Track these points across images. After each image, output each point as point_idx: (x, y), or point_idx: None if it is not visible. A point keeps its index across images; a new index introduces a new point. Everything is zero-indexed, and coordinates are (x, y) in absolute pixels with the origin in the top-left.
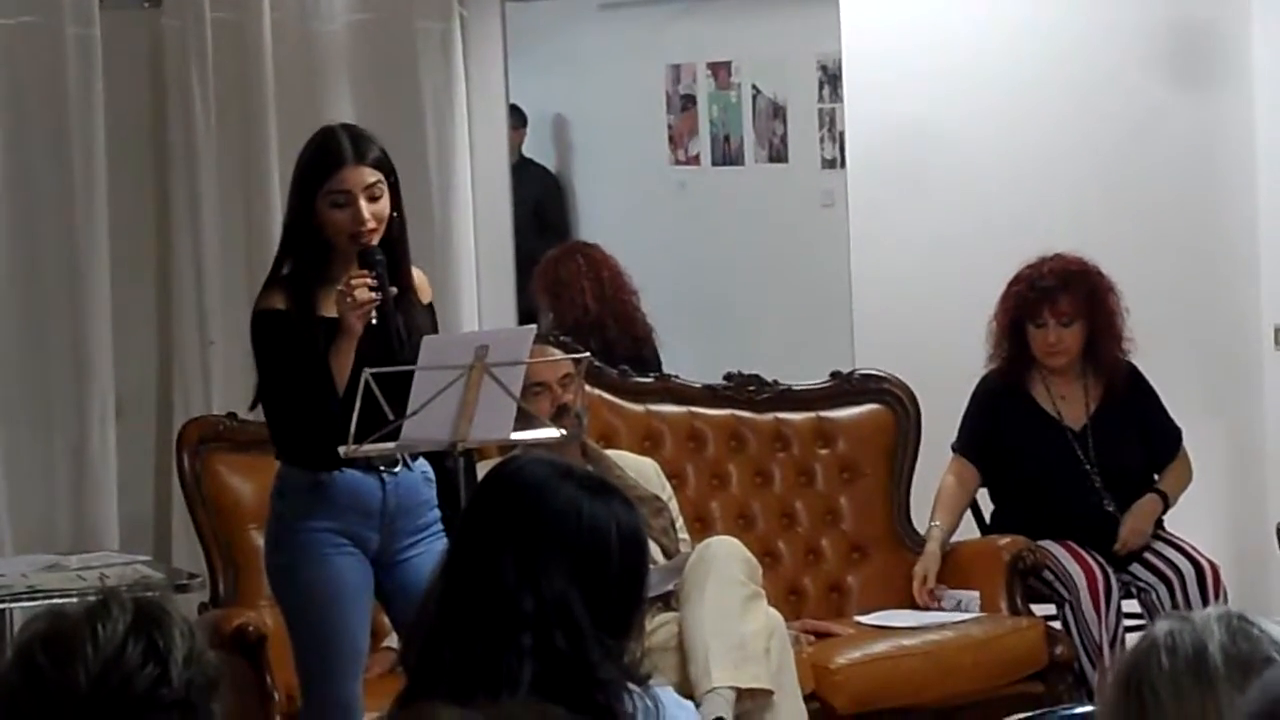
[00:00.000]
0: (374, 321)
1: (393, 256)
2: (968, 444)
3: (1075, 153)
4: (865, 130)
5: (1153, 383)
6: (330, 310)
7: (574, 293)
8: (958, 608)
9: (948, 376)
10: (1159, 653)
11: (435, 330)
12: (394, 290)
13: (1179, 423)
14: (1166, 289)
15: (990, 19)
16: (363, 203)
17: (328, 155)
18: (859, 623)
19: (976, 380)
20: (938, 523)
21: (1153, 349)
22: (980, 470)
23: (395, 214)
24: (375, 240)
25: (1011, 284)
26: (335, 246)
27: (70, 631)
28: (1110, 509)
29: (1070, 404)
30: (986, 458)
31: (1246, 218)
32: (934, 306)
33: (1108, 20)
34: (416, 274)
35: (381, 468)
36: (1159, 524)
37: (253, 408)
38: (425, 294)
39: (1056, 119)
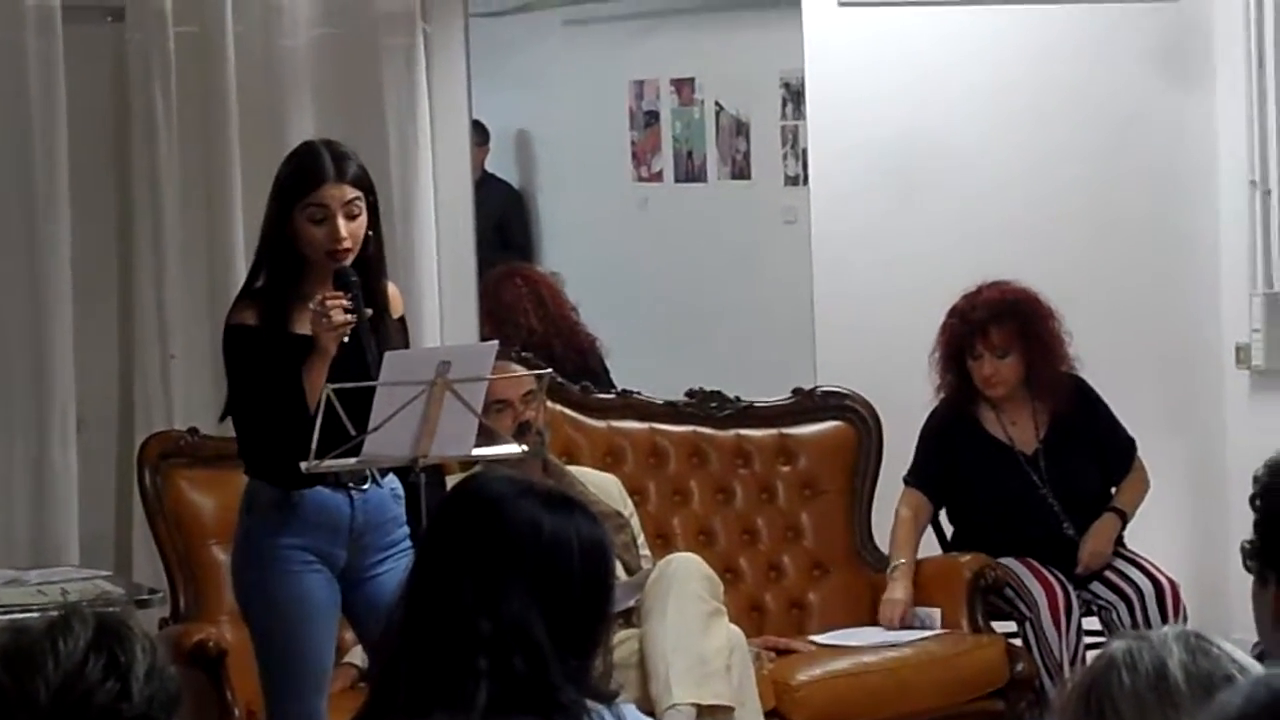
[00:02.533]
0: (346, 340)
1: (368, 275)
2: (920, 476)
3: (1037, 170)
4: (828, 147)
5: (1114, 400)
6: (302, 327)
7: (518, 315)
8: (919, 625)
9: (910, 393)
10: (1119, 670)
11: (408, 345)
12: (369, 312)
13: (1139, 439)
14: (1128, 307)
15: (954, 37)
16: (340, 219)
17: (308, 170)
18: (817, 643)
19: (937, 399)
20: (902, 560)
21: (1114, 366)
22: (933, 500)
23: (371, 233)
24: (350, 259)
25: (948, 316)
26: (310, 261)
27: (31, 646)
28: (1069, 532)
29: (1020, 429)
30: (941, 489)
31: (1208, 235)
32: (896, 324)
33: (1070, 39)
34: (390, 288)
35: (350, 485)
36: (1119, 541)
37: (221, 420)
38: (397, 308)
39: (1018, 138)
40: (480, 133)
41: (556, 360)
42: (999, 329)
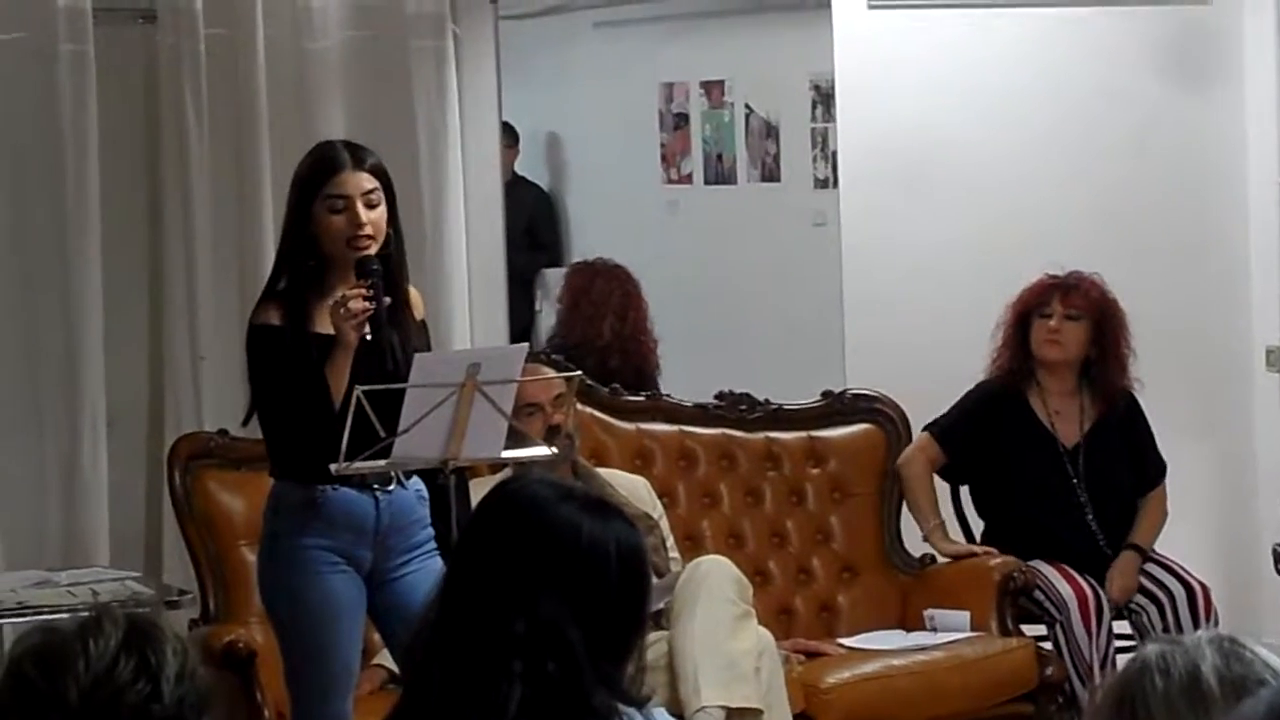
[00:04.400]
0: (368, 337)
1: (389, 269)
2: (947, 433)
3: (1068, 172)
4: (858, 150)
5: (1145, 403)
6: (325, 326)
7: (597, 312)
8: (947, 628)
9: (939, 396)
10: (1152, 674)
11: (428, 348)
12: (388, 301)
13: (1171, 441)
14: (1158, 310)
15: (983, 38)
16: (360, 208)
17: (325, 161)
18: (847, 646)
19: (990, 373)
20: (935, 520)
21: (1144, 370)
22: (947, 457)
23: (391, 228)
24: (372, 250)
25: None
26: (332, 257)
27: (62, 646)
28: (1094, 526)
29: (1065, 420)
30: (966, 457)
31: (1238, 238)
32: (926, 326)
33: (1100, 42)
34: (411, 291)
35: (375, 486)
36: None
37: (245, 423)
38: (418, 311)
39: (1049, 139)
40: (510, 135)
41: (609, 371)
42: (1080, 295)
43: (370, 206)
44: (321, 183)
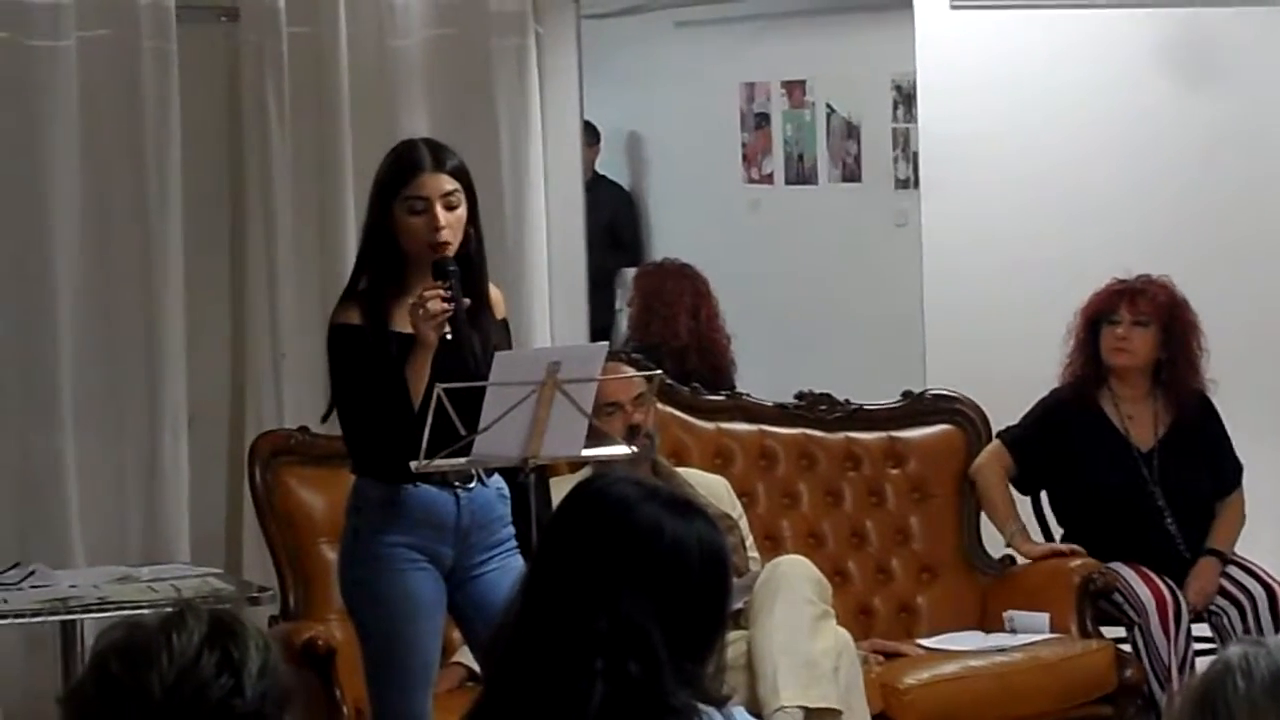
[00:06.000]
0: (448, 336)
1: (469, 269)
2: (1019, 442)
3: (1150, 175)
4: (939, 150)
5: (1220, 405)
6: (405, 325)
7: (671, 312)
8: (1027, 630)
9: (1019, 397)
10: (1234, 676)
11: (509, 347)
12: (467, 302)
13: (1247, 443)
14: (1245, 309)
15: (1066, 39)
16: (439, 209)
17: (406, 162)
18: (925, 646)
19: (1062, 380)
20: (1018, 524)
21: (1218, 371)
22: (1017, 466)
23: (472, 228)
24: (451, 251)
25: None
26: (411, 257)
27: (145, 641)
28: (1172, 529)
29: (1138, 424)
30: (1042, 466)
31: None
32: (1006, 327)
33: (1185, 40)
34: (492, 290)
35: (456, 483)
36: None
37: (325, 420)
38: (500, 310)
39: (1132, 141)
40: (591, 134)
41: (687, 372)
42: (1147, 300)
43: (449, 208)
44: (401, 184)
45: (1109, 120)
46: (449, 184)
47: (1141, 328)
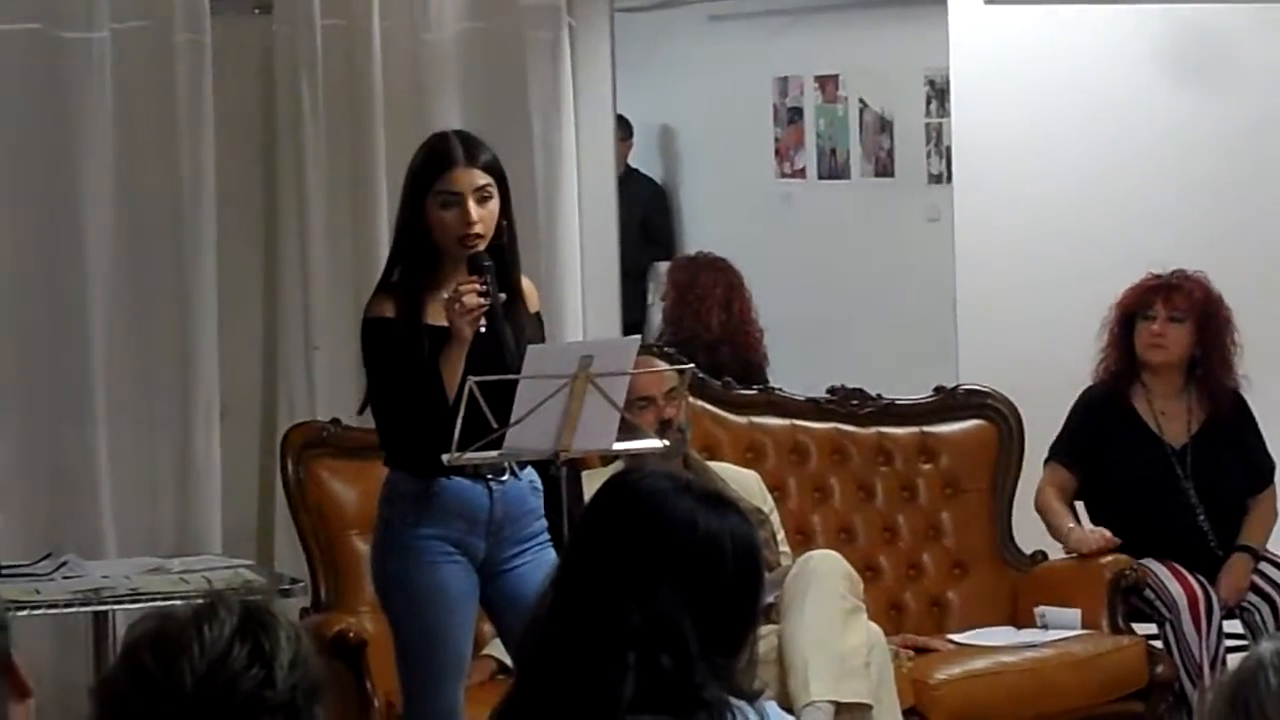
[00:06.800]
0: (483, 329)
1: (502, 263)
2: (1066, 449)
3: (1183, 169)
4: (972, 145)
5: (1253, 401)
6: (439, 318)
7: (703, 306)
8: (1058, 625)
9: (1052, 392)
10: (1266, 672)
11: (543, 340)
12: (503, 296)
13: None
14: (1272, 307)
15: (1099, 33)
16: (471, 204)
17: (439, 156)
18: (956, 642)
19: (1095, 377)
20: (1071, 524)
21: (1252, 368)
22: (1078, 476)
23: (505, 221)
24: (483, 245)
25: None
26: (444, 250)
27: (177, 632)
28: (1205, 526)
29: (1171, 421)
30: (1084, 465)
31: None
32: (1039, 322)
33: (1218, 37)
34: (525, 283)
35: (489, 476)
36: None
37: (360, 412)
38: (533, 303)
39: (1167, 137)
40: (624, 127)
41: (720, 365)
42: (1183, 295)
43: (481, 202)
44: (434, 178)
45: (1143, 115)
46: (481, 178)
47: (1177, 323)
